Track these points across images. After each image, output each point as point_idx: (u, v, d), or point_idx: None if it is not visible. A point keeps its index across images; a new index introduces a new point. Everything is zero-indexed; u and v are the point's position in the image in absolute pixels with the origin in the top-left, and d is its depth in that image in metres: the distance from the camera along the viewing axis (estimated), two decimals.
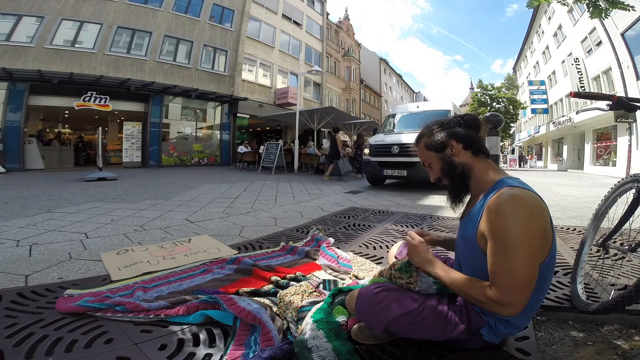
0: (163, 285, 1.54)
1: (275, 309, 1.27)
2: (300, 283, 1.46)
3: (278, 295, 1.37)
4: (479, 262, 0.93)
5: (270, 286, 1.49)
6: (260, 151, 11.69)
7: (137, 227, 2.83)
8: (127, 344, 1.09)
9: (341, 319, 1.10)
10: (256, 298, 1.35)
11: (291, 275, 1.61)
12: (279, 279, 1.55)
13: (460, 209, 1.09)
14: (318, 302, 1.27)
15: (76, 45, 11.64)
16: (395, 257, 1.35)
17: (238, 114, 15.65)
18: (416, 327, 0.93)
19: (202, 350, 1.06)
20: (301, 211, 3.72)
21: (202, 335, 1.14)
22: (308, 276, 1.64)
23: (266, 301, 1.32)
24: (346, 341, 1.01)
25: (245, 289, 1.43)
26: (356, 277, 1.60)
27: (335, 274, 1.69)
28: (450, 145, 1.03)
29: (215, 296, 1.28)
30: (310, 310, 1.19)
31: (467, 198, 1.08)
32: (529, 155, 28.66)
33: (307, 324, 1.07)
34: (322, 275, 1.69)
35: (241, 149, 13.13)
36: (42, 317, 1.23)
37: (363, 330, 1.06)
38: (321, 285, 1.47)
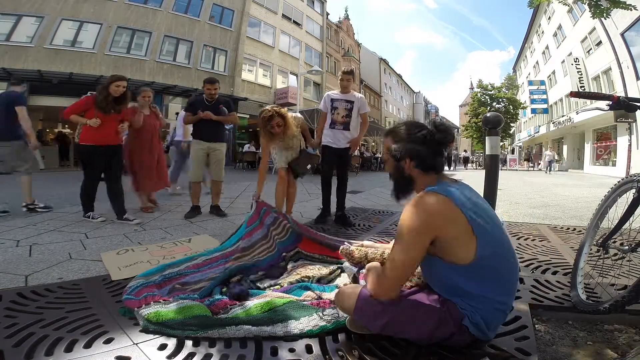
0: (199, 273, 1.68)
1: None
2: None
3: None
4: (425, 263, 1.06)
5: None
6: (260, 151, 11.69)
7: (137, 227, 2.83)
8: (127, 344, 1.09)
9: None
10: None
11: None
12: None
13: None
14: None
15: (76, 45, 11.64)
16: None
17: (238, 114, 15.61)
18: (407, 325, 1.01)
19: (202, 350, 1.06)
20: (301, 211, 3.72)
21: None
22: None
23: None
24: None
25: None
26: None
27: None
28: (404, 159, 1.11)
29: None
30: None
31: (405, 197, 1.19)
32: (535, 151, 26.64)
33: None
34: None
35: (247, 147, 13.19)
36: (42, 317, 1.23)
37: (357, 321, 1.10)
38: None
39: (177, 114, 6.64)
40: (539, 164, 17.33)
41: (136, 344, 1.09)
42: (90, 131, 2.81)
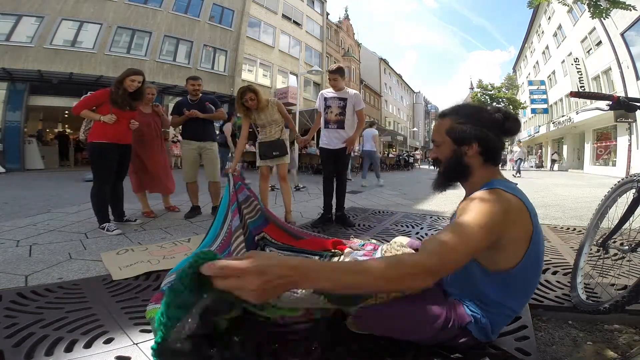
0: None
1: None
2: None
3: None
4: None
5: None
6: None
7: (137, 226, 2.83)
8: (127, 343, 1.09)
9: None
10: None
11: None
12: None
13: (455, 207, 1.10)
14: None
15: (76, 45, 11.64)
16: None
17: (238, 114, 15.63)
18: (411, 328, 0.97)
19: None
20: (301, 211, 3.72)
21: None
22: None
23: None
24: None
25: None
26: None
27: None
28: (470, 144, 0.97)
29: None
30: None
31: (449, 187, 1.08)
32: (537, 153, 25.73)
33: None
34: None
35: (246, 147, 13.18)
36: (42, 317, 1.23)
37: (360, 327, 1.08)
38: None
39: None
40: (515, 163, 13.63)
41: (136, 344, 1.09)
42: (102, 128, 2.63)
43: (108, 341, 1.09)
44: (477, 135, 0.96)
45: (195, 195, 3.40)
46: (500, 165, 1.05)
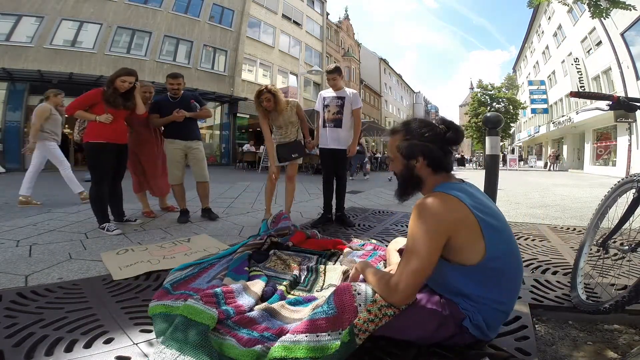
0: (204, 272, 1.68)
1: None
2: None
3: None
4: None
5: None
6: (260, 151, 11.70)
7: (137, 227, 2.83)
8: (127, 344, 1.09)
9: None
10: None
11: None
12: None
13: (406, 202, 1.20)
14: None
15: (76, 45, 11.64)
16: (398, 252, 1.37)
17: (238, 114, 15.65)
18: (408, 326, 0.99)
19: None
20: (301, 211, 3.72)
21: None
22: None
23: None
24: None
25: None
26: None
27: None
28: (416, 158, 1.08)
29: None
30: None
31: (410, 197, 1.16)
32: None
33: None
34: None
35: (246, 147, 13.16)
36: (42, 317, 1.23)
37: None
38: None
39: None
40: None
41: (136, 344, 1.09)
42: (98, 128, 2.58)
43: (108, 341, 1.09)
44: (422, 150, 1.07)
45: (183, 198, 3.20)
46: (458, 168, 1.13)
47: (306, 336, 0.96)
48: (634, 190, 1.26)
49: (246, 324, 1.12)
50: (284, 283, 1.50)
